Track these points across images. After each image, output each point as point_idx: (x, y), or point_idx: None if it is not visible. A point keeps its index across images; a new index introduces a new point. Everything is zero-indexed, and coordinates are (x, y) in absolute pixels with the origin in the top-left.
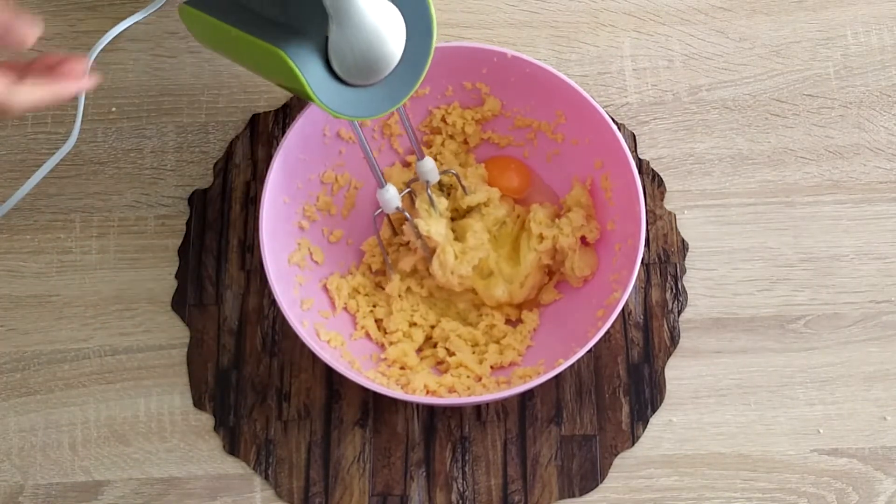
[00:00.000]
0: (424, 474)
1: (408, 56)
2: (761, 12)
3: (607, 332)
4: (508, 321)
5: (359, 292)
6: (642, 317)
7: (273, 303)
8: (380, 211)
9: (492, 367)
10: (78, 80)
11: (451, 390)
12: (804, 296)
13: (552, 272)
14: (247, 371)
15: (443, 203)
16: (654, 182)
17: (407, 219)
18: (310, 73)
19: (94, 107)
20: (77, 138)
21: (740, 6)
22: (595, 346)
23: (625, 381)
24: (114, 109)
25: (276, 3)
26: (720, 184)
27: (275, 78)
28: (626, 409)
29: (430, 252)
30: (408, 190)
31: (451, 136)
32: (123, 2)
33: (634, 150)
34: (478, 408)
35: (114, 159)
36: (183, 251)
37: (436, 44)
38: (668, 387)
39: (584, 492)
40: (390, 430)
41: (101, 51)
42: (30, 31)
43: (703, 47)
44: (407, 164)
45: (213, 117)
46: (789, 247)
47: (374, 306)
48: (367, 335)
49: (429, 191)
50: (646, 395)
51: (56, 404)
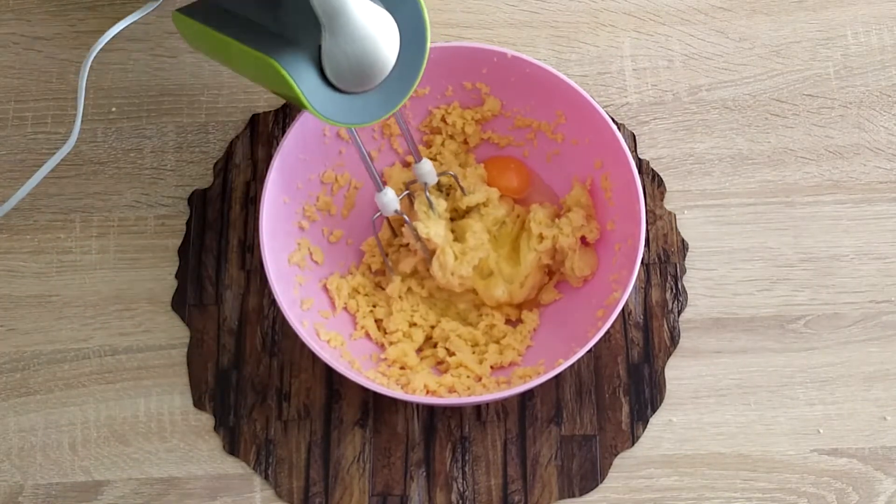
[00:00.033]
0: (424, 474)
1: (402, 61)
2: (761, 12)
3: (607, 332)
4: (508, 321)
5: (359, 292)
6: (642, 317)
7: (273, 303)
8: (378, 214)
9: (492, 367)
10: None
11: (451, 390)
12: (804, 296)
13: (552, 272)
14: (247, 371)
15: (441, 204)
16: (654, 182)
17: (406, 222)
18: (303, 81)
19: (94, 107)
20: (77, 138)
21: (740, 6)
22: (595, 346)
23: (625, 381)
24: (114, 109)
25: (268, 12)
26: (720, 184)
27: (269, 85)
28: (626, 409)
29: (430, 253)
30: (406, 192)
31: (451, 136)
32: (123, 1)
33: (634, 150)
34: (478, 408)
35: (114, 159)
36: (183, 251)
37: (434, 45)
38: (668, 387)
39: (584, 492)
40: (390, 430)
41: (102, 50)
42: None
43: (703, 47)
44: (407, 164)
45: (213, 117)
46: (789, 247)
47: (374, 306)
48: (367, 335)
49: (427, 193)
50: (646, 395)
51: (56, 404)
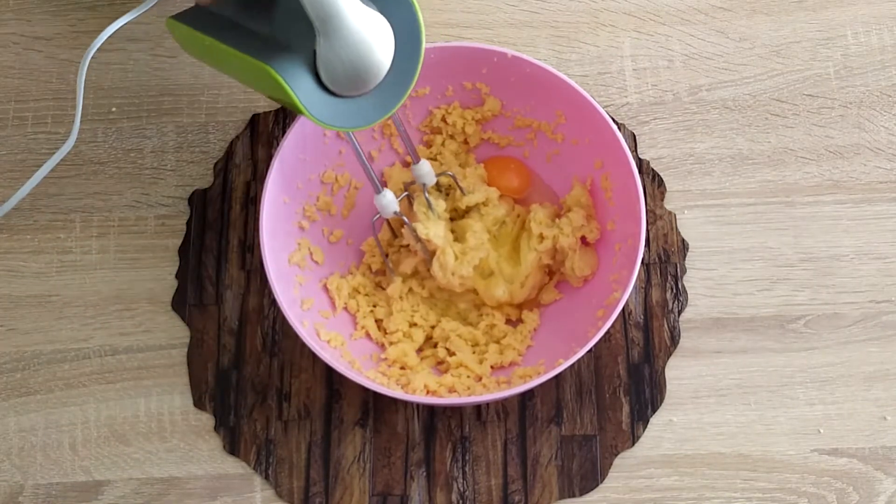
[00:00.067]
0: (424, 474)
1: (397, 64)
2: (761, 12)
3: (607, 332)
4: (509, 321)
5: (359, 292)
6: (642, 317)
7: (273, 303)
8: (378, 216)
9: (492, 367)
10: None
11: (452, 390)
12: (804, 296)
13: (552, 272)
14: (247, 371)
15: (441, 205)
16: (654, 182)
17: (405, 223)
18: (298, 86)
19: (94, 107)
20: (77, 138)
21: (740, 6)
22: (595, 346)
23: (625, 381)
24: (114, 109)
25: (262, 18)
26: (720, 184)
27: (264, 90)
28: (626, 409)
29: (430, 254)
30: (405, 194)
31: (452, 136)
32: (124, 1)
33: (634, 150)
34: (478, 408)
35: (114, 159)
36: (183, 251)
37: (434, 46)
38: (669, 387)
39: (584, 492)
40: (390, 430)
41: (102, 50)
42: None
43: (704, 47)
44: (407, 164)
45: (213, 117)
46: (789, 247)
47: (375, 306)
48: (368, 335)
49: (426, 194)
50: (646, 395)
51: (56, 404)
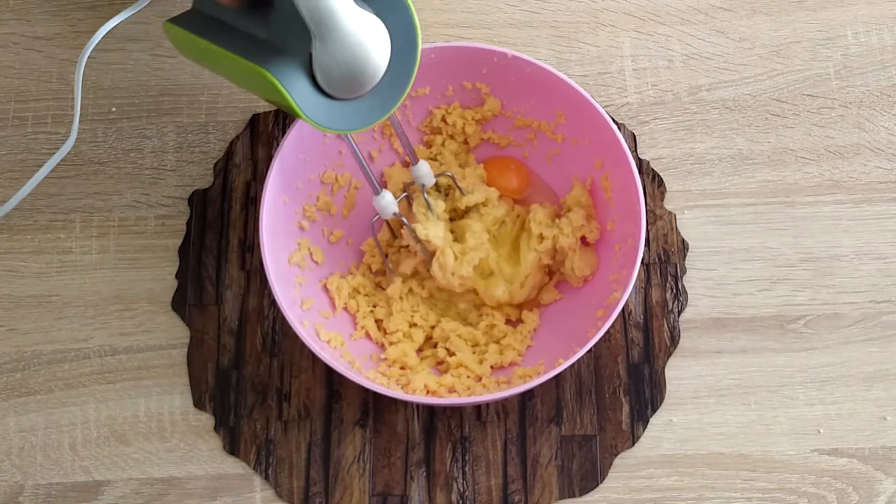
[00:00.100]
0: (424, 474)
1: (394, 67)
2: (761, 12)
3: (607, 332)
4: (508, 321)
5: (359, 292)
6: (642, 317)
7: (273, 303)
8: (377, 217)
9: (492, 367)
10: None
11: (451, 390)
12: (804, 296)
13: (552, 272)
14: (247, 371)
15: (440, 206)
16: (654, 182)
17: (404, 224)
18: (295, 89)
19: (94, 107)
20: (77, 138)
21: (740, 6)
22: (595, 346)
23: (625, 381)
24: (114, 109)
25: (259, 21)
26: (720, 184)
27: (261, 94)
28: (626, 409)
29: (430, 255)
30: (404, 195)
31: (452, 136)
32: (124, 2)
33: (634, 150)
34: (478, 408)
35: (114, 159)
36: (183, 251)
37: (434, 46)
38: (668, 387)
39: (584, 492)
40: (390, 430)
41: (102, 50)
42: None
43: (703, 47)
44: (407, 164)
45: (213, 117)
46: (789, 247)
47: (375, 306)
48: (368, 335)
49: (425, 194)
50: (646, 395)
51: (56, 404)
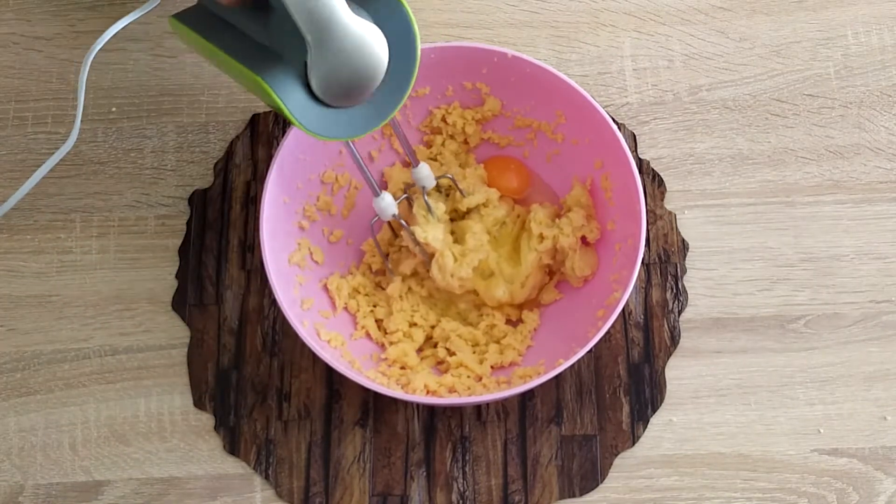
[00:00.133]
0: (424, 474)
1: (392, 73)
2: (761, 12)
3: (607, 332)
4: (509, 321)
5: (359, 292)
6: (642, 317)
7: (273, 303)
8: (376, 219)
9: (492, 367)
10: None
11: (452, 390)
12: (804, 296)
13: (552, 272)
14: (247, 371)
15: (440, 208)
16: (654, 182)
17: (404, 227)
18: (290, 97)
19: (94, 107)
20: (77, 138)
21: (740, 6)
22: (595, 346)
23: (625, 380)
24: (114, 109)
25: (258, 23)
26: (720, 184)
27: (260, 98)
28: (626, 409)
29: (429, 257)
30: (405, 196)
31: (452, 136)
32: (124, 1)
33: (634, 149)
34: (478, 408)
35: (114, 159)
36: (183, 251)
37: (434, 46)
38: (669, 387)
39: (584, 492)
40: (390, 430)
41: (102, 50)
42: None
43: (704, 47)
44: (407, 164)
45: (213, 117)
46: (789, 247)
47: (375, 306)
48: (368, 335)
49: (425, 197)
50: (646, 395)
51: (56, 404)
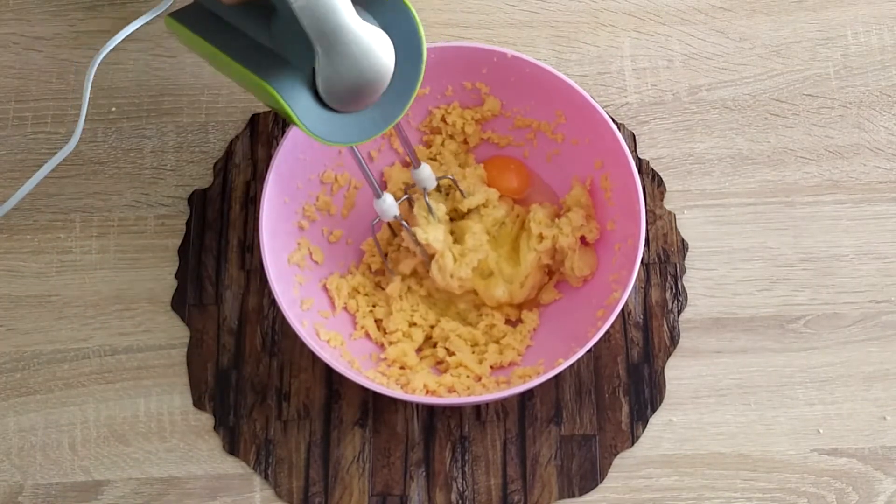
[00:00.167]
0: (424, 474)
1: (397, 78)
2: (761, 12)
3: (607, 332)
4: (508, 321)
5: (358, 292)
6: (642, 317)
7: (273, 302)
8: (377, 220)
9: (491, 367)
10: None
11: (451, 390)
12: (804, 296)
13: (552, 272)
14: (246, 371)
15: (441, 209)
16: (653, 182)
17: (404, 227)
18: (297, 104)
19: (94, 107)
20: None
21: (740, 6)
22: (595, 345)
23: (625, 380)
24: (114, 109)
25: (260, 25)
26: (720, 184)
27: (262, 100)
28: (625, 408)
29: (429, 257)
30: (405, 197)
31: (451, 136)
32: (124, 2)
33: (634, 150)
34: (477, 408)
35: (114, 159)
36: (183, 251)
37: (434, 46)
38: (668, 387)
39: (583, 492)
40: (390, 430)
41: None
42: None
43: (703, 47)
44: (407, 164)
45: (213, 117)
46: (789, 247)
47: (374, 306)
48: (367, 335)
49: (426, 198)
50: (646, 395)
51: (56, 404)
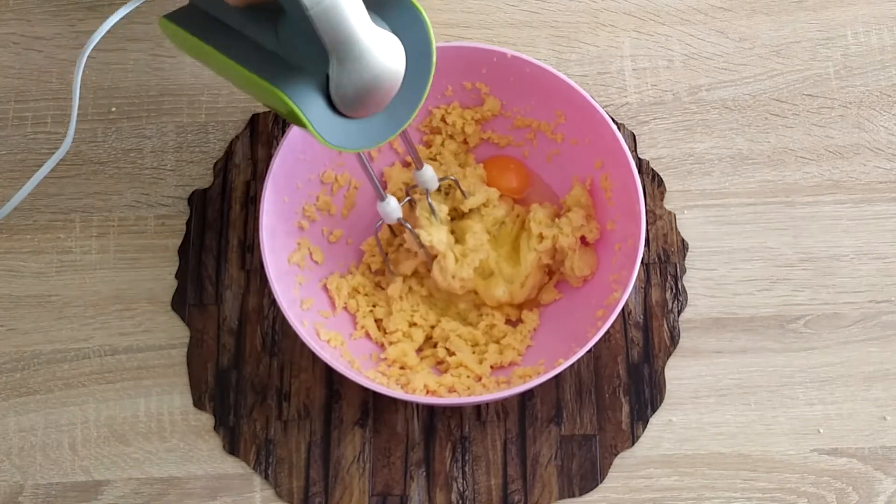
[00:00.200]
0: (424, 474)
1: (407, 82)
2: (761, 12)
3: (607, 332)
4: (508, 321)
5: (358, 292)
6: (642, 317)
7: (273, 302)
8: (381, 222)
9: (492, 367)
10: None
11: (451, 390)
12: (804, 296)
13: (552, 272)
14: (247, 371)
15: (443, 210)
16: (653, 182)
17: (408, 229)
18: (311, 112)
19: (94, 107)
20: (76, 138)
21: (740, 6)
22: (595, 345)
23: (625, 380)
24: (114, 109)
25: (265, 28)
26: (720, 184)
27: (263, 102)
28: (625, 408)
29: (432, 258)
30: (408, 199)
31: (451, 136)
32: (123, 1)
33: (634, 149)
34: (478, 408)
35: (114, 159)
36: (183, 251)
37: (436, 46)
38: (668, 387)
39: (583, 492)
40: (390, 430)
41: (101, 50)
42: None
43: (703, 47)
44: (407, 164)
45: (213, 117)
46: (789, 247)
47: (374, 306)
48: (367, 335)
49: (429, 199)
50: (646, 394)
51: (56, 404)
